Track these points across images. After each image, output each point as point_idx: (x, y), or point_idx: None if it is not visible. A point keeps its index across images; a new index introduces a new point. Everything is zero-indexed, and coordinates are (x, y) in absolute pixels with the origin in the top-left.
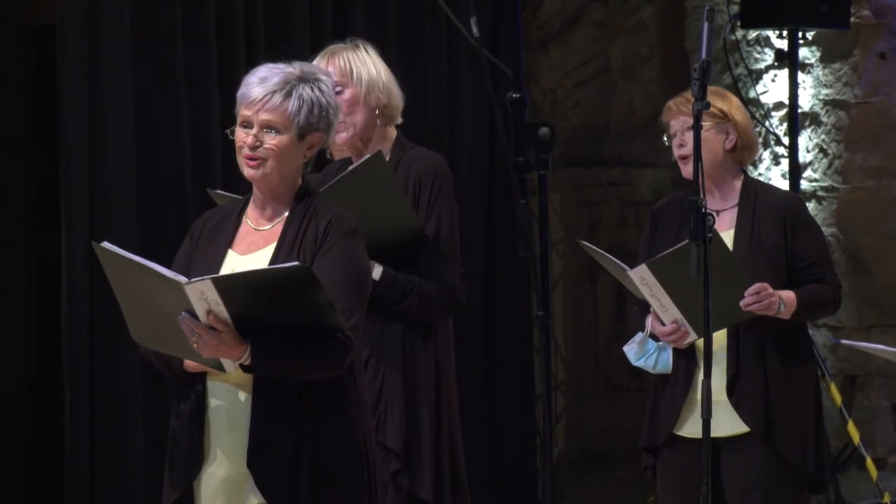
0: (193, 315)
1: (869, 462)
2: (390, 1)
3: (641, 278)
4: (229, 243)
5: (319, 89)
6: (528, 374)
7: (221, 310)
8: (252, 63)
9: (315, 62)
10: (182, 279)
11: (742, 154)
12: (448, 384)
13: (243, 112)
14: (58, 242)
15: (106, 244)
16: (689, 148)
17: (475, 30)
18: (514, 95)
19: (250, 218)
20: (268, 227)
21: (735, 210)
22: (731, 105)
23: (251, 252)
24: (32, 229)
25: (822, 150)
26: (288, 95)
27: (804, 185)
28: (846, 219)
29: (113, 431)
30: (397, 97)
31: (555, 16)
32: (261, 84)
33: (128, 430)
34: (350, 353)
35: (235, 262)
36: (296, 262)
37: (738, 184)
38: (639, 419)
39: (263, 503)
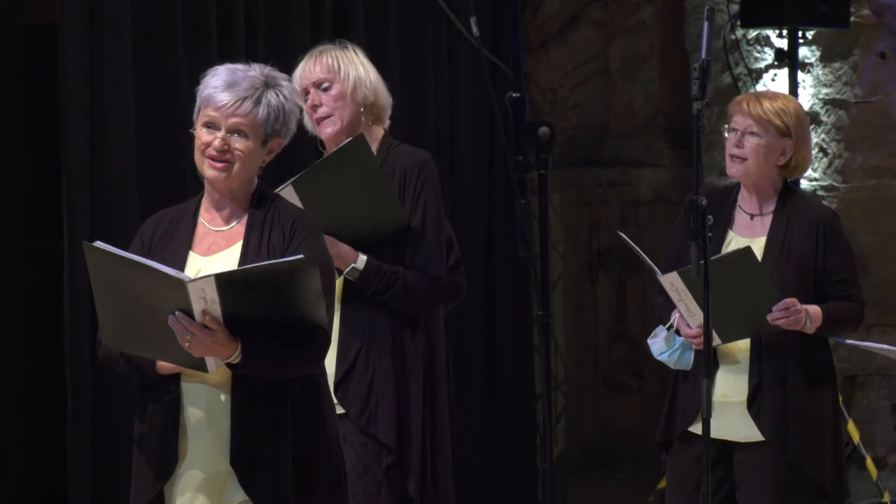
0: (185, 314)
1: (869, 461)
2: (390, 1)
3: (671, 284)
4: (188, 245)
5: (283, 95)
6: (528, 373)
7: (216, 308)
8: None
9: (303, 62)
10: (185, 277)
11: (791, 172)
12: (438, 380)
13: (209, 113)
14: (58, 242)
15: (99, 243)
16: (744, 151)
17: (475, 30)
18: (514, 95)
19: (205, 219)
20: (226, 227)
21: (770, 217)
22: (799, 125)
23: (214, 253)
24: (33, 229)
25: (822, 149)
26: (257, 102)
27: (804, 184)
28: (846, 218)
29: (115, 432)
30: (384, 97)
31: (554, 16)
32: (229, 89)
33: (130, 431)
34: (328, 349)
35: (200, 264)
36: (300, 255)
37: (777, 192)
38: (639, 419)
39: (247, 501)
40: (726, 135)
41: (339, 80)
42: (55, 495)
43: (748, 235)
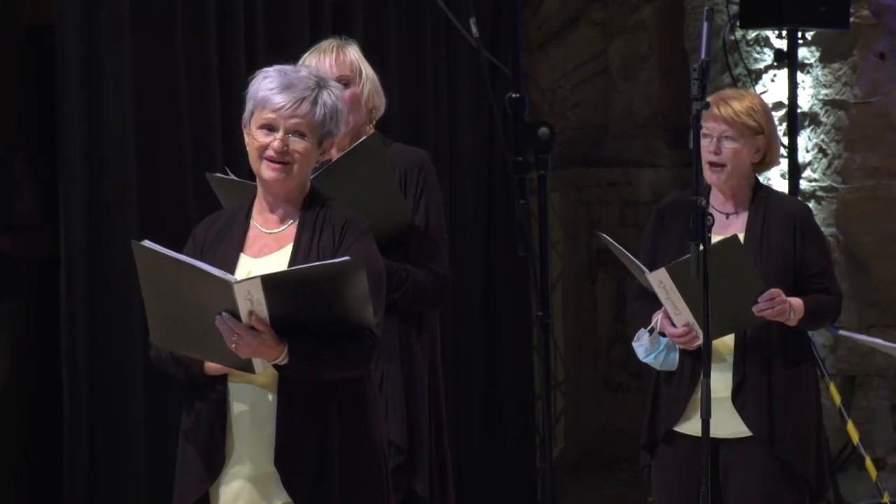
0: (232, 315)
1: (868, 462)
2: (390, 1)
3: (659, 281)
4: (240, 247)
5: (335, 95)
6: (528, 374)
7: (262, 309)
8: (252, 63)
9: (317, 55)
10: (232, 278)
11: (764, 167)
12: (438, 376)
13: (266, 115)
14: (58, 242)
15: (147, 243)
16: (723, 157)
17: (474, 30)
18: (514, 95)
19: (258, 221)
20: (278, 229)
21: (745, 214)
22: (768, 120)
23: (265, 255)
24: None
25: (821, 149)
26: (314, 103)
27: (803, 184)
28: (845, 219)
29: (113, 433)
30: (383, 98)
31: (554, 16)
32: (287, 91)
33: (128, 432)
34: (377, 350)
35: (250, 266)
36: (347, 257)
37: (751, 189)
38: (638, 419)
39: (289, 502)
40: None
41: (358, 83)
42: (52, 496)
43: (725, 234)
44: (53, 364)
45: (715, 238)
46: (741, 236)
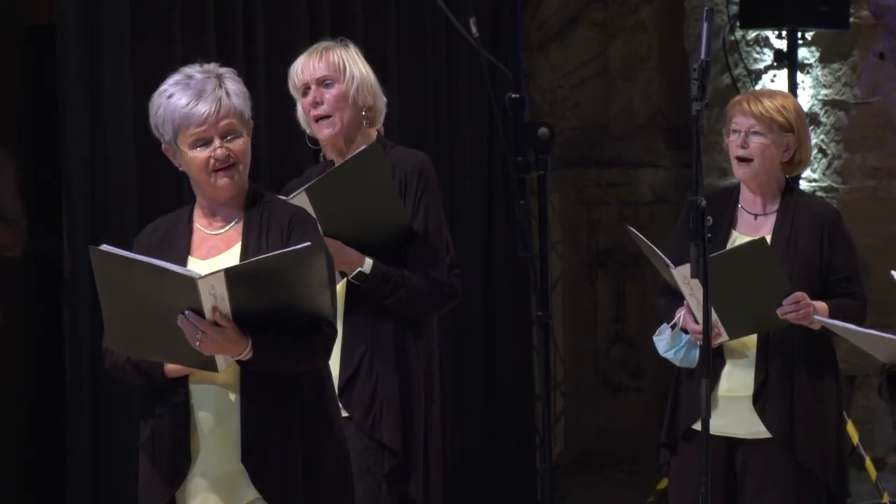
0: (195, 313)
1: (868, 462)
2: (390, 1)
3: (684, 277)
4: (187, 250)
5: (233, 78)
6: (528, 374)
7: (225, 304)
8: (251, 63)
9: (304, 57)
10: (195, 274)
11: (794, 168)
12: (435, 381)
13: (194, 132)
14: (57, 242)
15: (105, 247)
16: (750, 151)
17: (474, 30)
18: (514, 96)
19: (201, 224)
20: (223, 230)
21: (773, 216)
22: (799, 119)
23: (213, 256)
24: (32, 229)
25: (821, 150)
26: (228, 95)
27: (803, 185)
28: (845, 219)
29: (115, 432)
30: (381, 100)
31: (554, 16)
32: (201, 98)
33: (130, 431)
34: (334, 340)
35: (200, 268)
36: (307, 243)
37: (781, 191)
38: (638, 419)
39: (258, 498)
40: (727, 138)
41: (343, 81)
42: (54, 496)
43: (753, 234)
44: (54, 364)
45: (743, 239)
46: (769, 238)
